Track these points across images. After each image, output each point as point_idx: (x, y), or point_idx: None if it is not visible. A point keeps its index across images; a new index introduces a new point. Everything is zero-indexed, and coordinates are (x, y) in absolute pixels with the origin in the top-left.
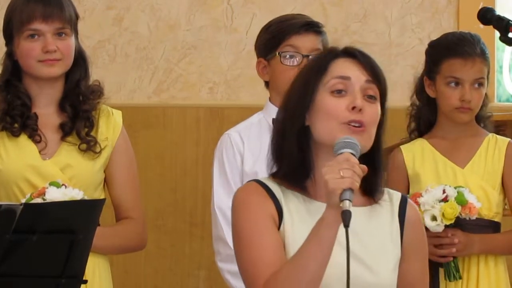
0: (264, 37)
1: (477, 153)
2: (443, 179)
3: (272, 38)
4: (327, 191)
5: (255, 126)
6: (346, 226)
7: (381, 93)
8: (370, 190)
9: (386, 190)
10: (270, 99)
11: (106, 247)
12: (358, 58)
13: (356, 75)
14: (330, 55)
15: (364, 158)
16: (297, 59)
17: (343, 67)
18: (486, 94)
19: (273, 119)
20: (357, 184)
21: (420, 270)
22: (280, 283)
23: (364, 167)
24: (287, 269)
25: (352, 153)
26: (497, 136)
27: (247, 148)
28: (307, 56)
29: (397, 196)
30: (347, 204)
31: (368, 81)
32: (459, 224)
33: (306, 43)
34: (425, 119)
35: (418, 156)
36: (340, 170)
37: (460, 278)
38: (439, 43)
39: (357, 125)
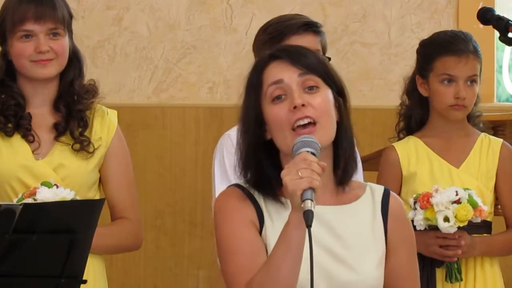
0: (262, 38)
1: (471, 153)
2: (438, 179)
3: (271, 39)
4: (288, 193)
5: None
6: (308, 226)
7: (325, 78)
8: (341, 181)
9: (368, 185)
10: None
11: (101, 247)
12: (284, 58)
13: (288, 74)
14: (259, 66)
15: (333, 147)
16: None
17: (274, 72)
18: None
19: None
20: (317, 182)
21: (408, 262)
22: None
23: (324, 164)
24: (261, 274)
25: (311, 152)
26: (490, 136)
27: None
28: None
29: (379, 190)
30: (308, 204)
31: (301, 74)
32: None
33: (305, 43)
34: (416, 118)
35: (413, 155)
36: (298, 171)
37: (461, 279)
38: (431, 42)
39: (305, 122)
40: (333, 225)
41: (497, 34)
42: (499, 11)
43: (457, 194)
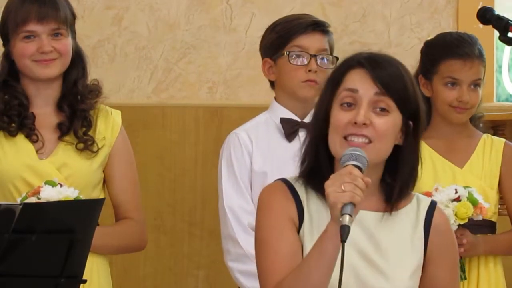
0: (270, 37)
1: (474, 153)
2: (442, 179)
3: (279, 38)
4: (329, 204)
5: (262, 125)
6: (343, 241)
7: (399, 103)
8: (388, 196)
9: (415, 195)
10: (276, 99)
11: (105, 247)
12: (368, 70)
13: (365, 87)
14: (345, 65)
15: (386, 163)
16: (305, 58)
17: (354, 79)
18: None
19: (280, 118)
20: (358, 198)
21: (448, 275)
22: None
23: (368, 180)
24: (292, 278)
25: (357, 165)
26: (492, 136)
27: (256, 147)
28: (315, 56)
29: (425, 202)
30: (346, 219)
31: (378, 93)
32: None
33: (313, 42)
34: None
35: None
36: (342, 184)
37: (465, 278)
38: (437, 43)
39: (359, 140)
40: (373, 231)
41: (496, 34)
42: (499, 11)
43: (456, 192)
